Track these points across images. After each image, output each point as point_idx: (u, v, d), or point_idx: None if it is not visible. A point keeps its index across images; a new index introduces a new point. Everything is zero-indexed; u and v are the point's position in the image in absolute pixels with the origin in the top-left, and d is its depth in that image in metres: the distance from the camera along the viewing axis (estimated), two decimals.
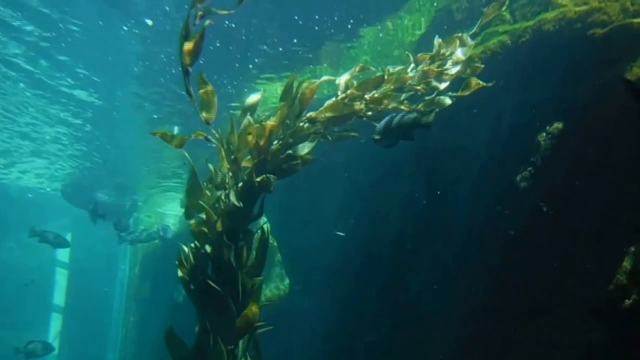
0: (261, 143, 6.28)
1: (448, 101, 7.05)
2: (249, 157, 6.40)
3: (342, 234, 8.55)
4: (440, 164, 8.99)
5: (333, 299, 11.33)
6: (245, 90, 12.99)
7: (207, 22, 4.87)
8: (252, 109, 6.85)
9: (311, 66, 12.19)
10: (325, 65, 12.19)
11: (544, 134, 7.49)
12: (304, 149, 6.50)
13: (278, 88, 12.95)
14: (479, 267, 8.25)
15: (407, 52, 7.46)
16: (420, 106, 7.09)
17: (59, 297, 33.37)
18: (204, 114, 5.81)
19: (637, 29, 6.56)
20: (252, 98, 6.96)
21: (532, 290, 7.41)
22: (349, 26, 10.44)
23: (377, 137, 6.32)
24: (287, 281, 14.18)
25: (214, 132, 6.11)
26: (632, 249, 6.16)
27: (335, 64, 11.99)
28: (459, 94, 7.10)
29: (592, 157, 6.86)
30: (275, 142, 6.56)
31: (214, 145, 6.28)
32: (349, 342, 10.62)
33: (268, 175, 6.22)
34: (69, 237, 33.18)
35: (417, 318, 9.31)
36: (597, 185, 6.74)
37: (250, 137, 6.22)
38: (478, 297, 8.16)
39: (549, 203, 7.33)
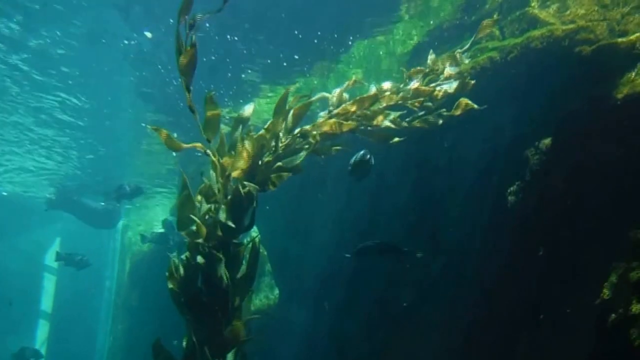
0: (251, 156, 6.32)
1: (440, 121, 7.13)
2: (238, 169, 6.43)
3: (348, 255, 8.73)
4: (432, 176, 9.06)
5: (323, 309, 11.34)
6: (241, 101, 13.06)
7: (195, 34, 4.89)
8: (244, 121, 6.87)
9: (302, 80, 12.27)
10: (315, 81, 12.29)
11: (533, 149, 7.59)
12: (295, 160, 6.55)
13: (271, 99, 13.03)
14: (472, 278, 8.32)
15: (402, 68, 7.53)
16: (413, 123, 7.16)
17: (47, 303, 33.10)
18: (207, 134, 5.89)
19: (623, 49, 6.68)
20: (246, 110, 6.99)
21: (523, 301, 7.50)
22: (349, 42, 10.58)
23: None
24: (276, 291, 14.17)
25: (211, 146, 6.17)
26: (621, 263, 6.25)
27: (326, 75, 12.07)
28: (450, 113, 7.18)
29: (580, 172, 6.97)
30: (266, 155, 6.60)
31: (199, 154, 6.31)
32: (339, 351, 10.65)
33: (251, 186, 6.24)
34: (57, 241, 33.08)
35: (409, 328, 9.36)
36: (586, 199, 6.84)
37: (240, 150, 6.25)
38: (471, 308, 8.25)
39: (540, 215, 7.45)
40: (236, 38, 10.17)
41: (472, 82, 7.38)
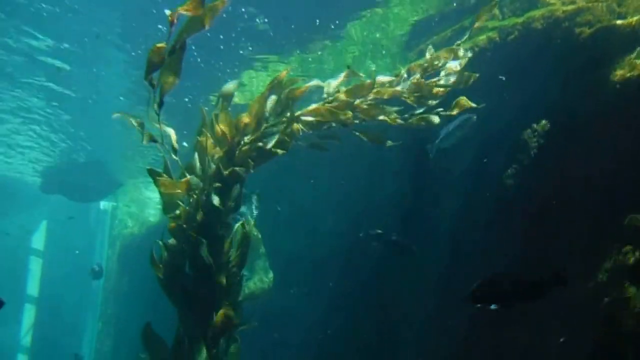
0: (232, 135, 6.49)
1: (437, 120, 7.22)
2: (219, 150, 6.57)
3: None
4: (427, 162, 9.25)
5: (316, 293, 11.64)
6: (244, 80, 13.29)
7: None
8: (227, 97, 6.91)
9: (298, 59, 12.45)
10: (310, 58, 12.45)
11: (531, 132, 7.80)
12: (275, 139, 6.59)
13: (265, 78, 13.20)
14: (469, 262, 8.56)
15: (399, 66, 7.64)
16: (410, 121, 7.25)
17: (33, 286, 33.40)
18: None
19: (621, 31, 6.87)
20: (228, 86, 7.02)
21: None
22: (337, 22, 10.72)
23: None
24: (271, 274, 14.45)
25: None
26: (614, 248, 6.50)
27: (323, 53, 12.22)
28: (448, 112, 7.26)
29: (578, 156, 7.19)
30: (249, 135, 6.70)
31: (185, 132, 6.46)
32: (332, 336, 10.99)
33: (235, 168, 6.39)
34: (44, 225, 33.32)
35: (399, 317, 9.67)
36: (584, 183, 7.07)
37: (219, 130, 6.44)
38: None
39: (534, 202, 7.69)
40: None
41: (475, 75, 7.35)
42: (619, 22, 6.93)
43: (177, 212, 6.32)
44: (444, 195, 9.04)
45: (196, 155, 6.57)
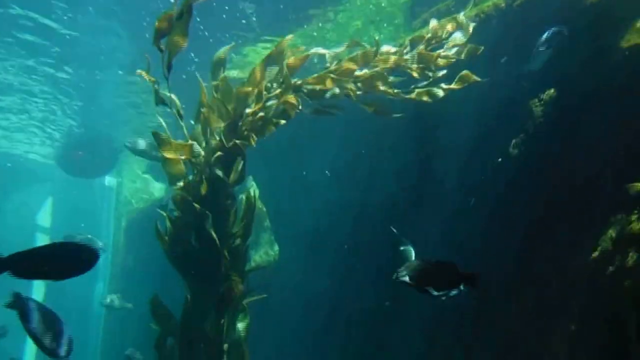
0: (233, 105, 6.53)
1: (441, 93, 7.18)
2: (219, 121, 6.60)
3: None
4: (432, 131, 9.25)
5: (321, 265, 11.74)
6: (244, 53, 13.23)
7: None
8: (221, 63, 6.90)
9: (299, 31, 12.37)
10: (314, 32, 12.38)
11: (537, 101, 7.77)
12: (273, 110, 6.64)
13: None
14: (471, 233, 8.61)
15: (401, 35, 7.59)
16: (412, 95, 7.22)
17: None
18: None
19: None
20: (221, 52, 6.97)
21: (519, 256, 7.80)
22: None
23: None
24: (276, 247, 14.56)
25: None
26: (619, 216, 6.51)
27: (324, 24, 12.14)
28: (452, 86, 7.22)
29: (585, 125, 7.17)
30: (251, 105, 6.69)
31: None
32: (338, 309, 11.12)
33: (237, 141, 6.42)
34: (49, 201, 33.57)
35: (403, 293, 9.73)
36: (585, 155, 7.07)
37: (217, 100, 6.46)
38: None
39: (541, 171, 7.69)
40: None
41: (481, 48, 7.34)
42: None
43: (181, 183, 6.38)
44: (447, 166, 9.03)
45: (199, 127, 6.59)
